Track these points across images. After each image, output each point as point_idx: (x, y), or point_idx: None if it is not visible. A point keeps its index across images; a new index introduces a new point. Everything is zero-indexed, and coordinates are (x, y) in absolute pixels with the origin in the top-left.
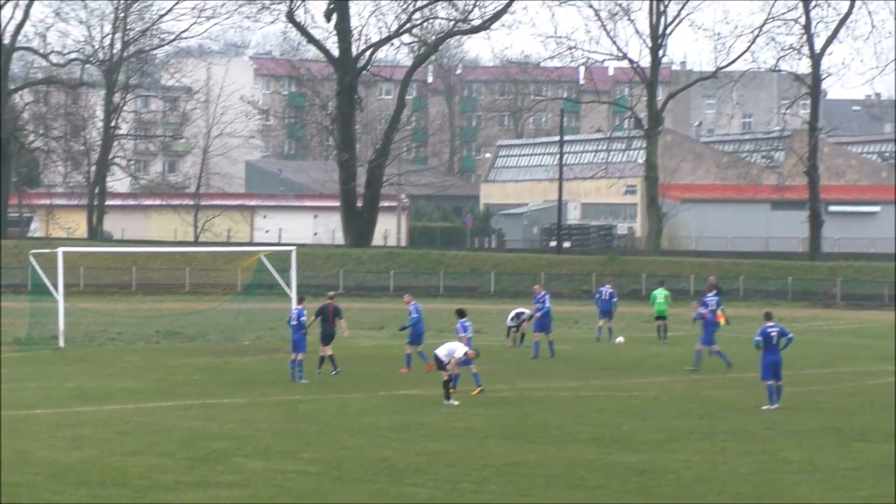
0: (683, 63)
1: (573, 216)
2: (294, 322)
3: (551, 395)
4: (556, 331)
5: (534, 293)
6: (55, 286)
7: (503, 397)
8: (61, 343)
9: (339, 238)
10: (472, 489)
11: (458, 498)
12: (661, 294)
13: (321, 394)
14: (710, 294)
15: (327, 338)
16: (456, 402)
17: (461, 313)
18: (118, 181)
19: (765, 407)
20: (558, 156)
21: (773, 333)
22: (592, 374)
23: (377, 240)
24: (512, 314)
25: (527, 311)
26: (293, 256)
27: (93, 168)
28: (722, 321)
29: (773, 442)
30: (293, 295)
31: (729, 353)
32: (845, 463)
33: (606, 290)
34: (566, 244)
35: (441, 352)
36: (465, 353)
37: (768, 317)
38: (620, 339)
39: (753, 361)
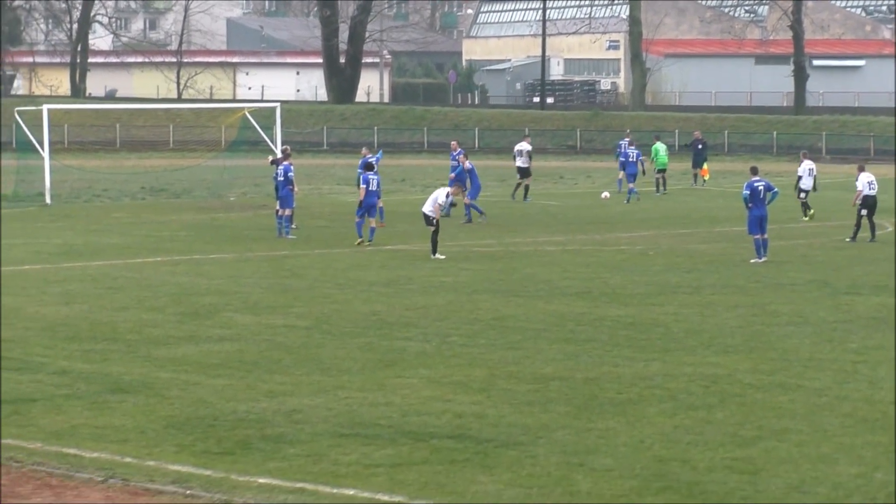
0: None
1: (556, 72)
2: (281, 178)
3: (538, 250)
4: (542, 185)
5: (452, 150)
6: (40, 143)
7: (491, 252)
8: (48, 200)
9: (323, 94)
10: (462, 342)
11: (449, 351)
12: (661, 147)
13: (308, 249)
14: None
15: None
16: (443, 257)
17: (369, 167)
18: (100, 38)
19: (752, 260)
20: (541, 11)
21: (760, 187)
22: (579, 228)
23: (360, 96)
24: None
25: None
26: (277, 113)
27: (74, 26)
28: (706, 176)
29: (762, 295)
30: (278, 151)
31: (713, 207)
32: (835, 315)
33: (626, 143)
34: (549, 100)
35: (426, 208)
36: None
37: (754, 171)
38: (606, 193)
39: (740, 216)
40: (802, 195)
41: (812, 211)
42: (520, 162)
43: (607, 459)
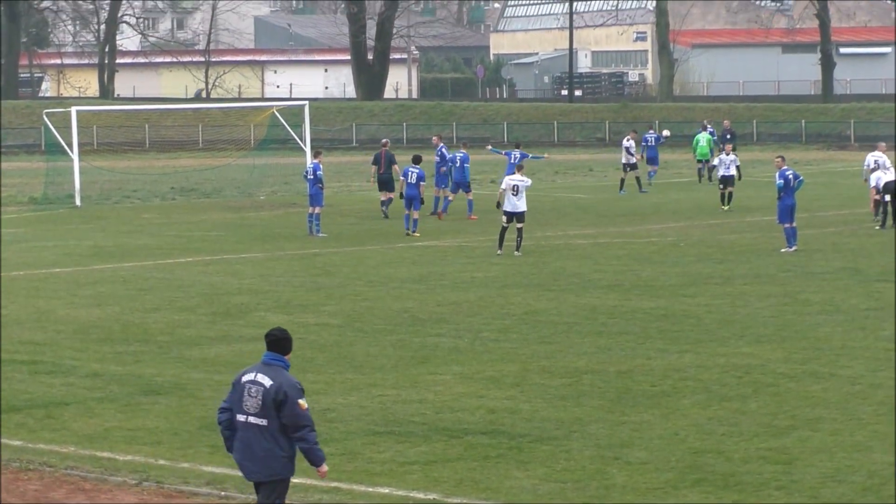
0: None
1: (584, 64)
2: (310, 176)
3: (569, 244)
4: (572, 178)
5: (435, 144)
6: (69, 145)
7: (522, 246)
8: (77, 202)
9: (351, 91)
10: (494, 338)
11: (481, 346)
12: (703, 138)
13: (339, 247)
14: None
15: (382, 184)
16: (518, 253)
17: (415, 159)
18: (127, 39)
19: (783, 250)
20: (568, 4)
21: (790, 176)
22: (609, 221)
23: (388, 92)
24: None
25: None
26: (306, 111)
27: (102, 26)
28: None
29: (793, 284)
30: (307, 149)
31: (743, 196)
32: (866, 303)
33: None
34: (578, 93)
35: (523, 205)
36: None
37: (784, 160)
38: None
39: (769, 205)
40: (721, 185)
41: (727, 206)
42: (628, 157)
43: (642, 452)
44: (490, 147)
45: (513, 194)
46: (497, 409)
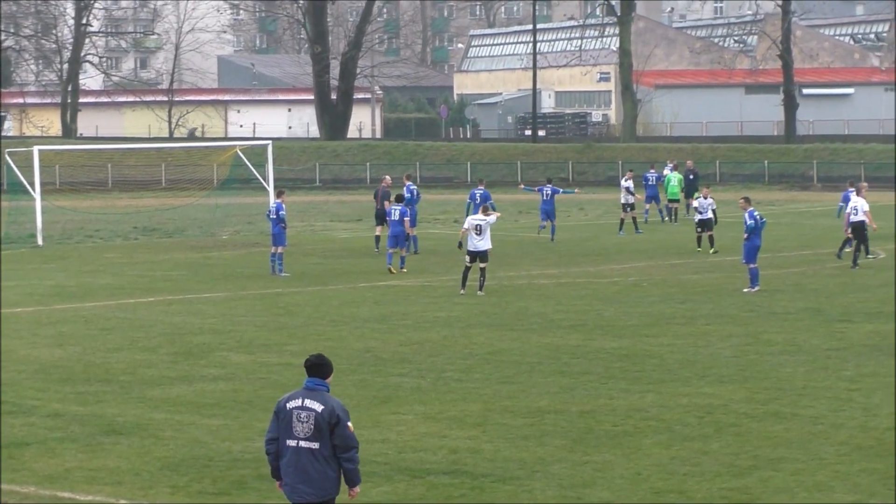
0: None
1: (548, 104)
2: (273, 216)
3: (532, 284)
4: (535, 218)
5: (402, 184)
6: (31, 185)
7: (485, 286)
8: (39, 241)
9: (314, 131)
10: (457, 377)
11: (444, 386)
12: (674, 177)
13: (302, 286)
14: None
15: (378, 218)
16: (482, 293)
17: (399, 198)
18: (90, 78)
19: (745, 290)
20: (531, 44)
21: (758, 217)
22: (572, 261)
23: (352, 132)
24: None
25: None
26: (269, 150)
27: (65, 66)
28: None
29: (756, 324)
30: (271, 189)
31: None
32: (828, 343)
33: (653, 175)
34: (541, 133)
35: (488, 243)
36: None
37: (748, 201)
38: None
39: (732, 246)
40: (699, 229)
41: (713, 249)
42: (627, 197)
43: (604, 492)
44: (523, 186)
45: (475, 234)
46: (459, 448)
